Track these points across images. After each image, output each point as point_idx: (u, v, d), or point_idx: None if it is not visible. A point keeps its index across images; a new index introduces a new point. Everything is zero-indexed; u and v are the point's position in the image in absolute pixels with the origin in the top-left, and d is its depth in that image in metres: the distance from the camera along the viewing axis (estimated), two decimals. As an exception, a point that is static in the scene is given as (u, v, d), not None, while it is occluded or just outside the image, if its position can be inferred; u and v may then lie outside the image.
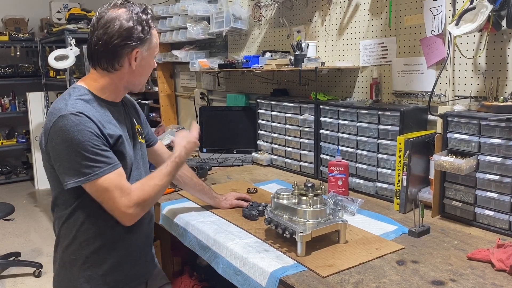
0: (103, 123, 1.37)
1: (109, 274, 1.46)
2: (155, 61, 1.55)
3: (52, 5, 6.16)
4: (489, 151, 1.58)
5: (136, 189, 1.39)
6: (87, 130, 1.31)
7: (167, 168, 1.48)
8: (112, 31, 1.38)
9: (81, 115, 1.32)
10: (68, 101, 1.36)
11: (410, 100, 2.13)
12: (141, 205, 1.40)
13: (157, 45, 1.51)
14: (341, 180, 2.02)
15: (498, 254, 1.33)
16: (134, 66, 1.44)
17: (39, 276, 3.46)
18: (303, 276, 1.30)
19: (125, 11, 1.41)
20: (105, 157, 1.34)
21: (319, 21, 2.55)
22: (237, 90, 3.29)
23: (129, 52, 1.41)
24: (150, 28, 1.44)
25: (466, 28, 1.67)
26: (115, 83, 1.46)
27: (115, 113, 1.48)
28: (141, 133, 1.63)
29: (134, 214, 1.39)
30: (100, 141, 1.34)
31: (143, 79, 1.53)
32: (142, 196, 1.39)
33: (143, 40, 1.43)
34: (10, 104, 6.10)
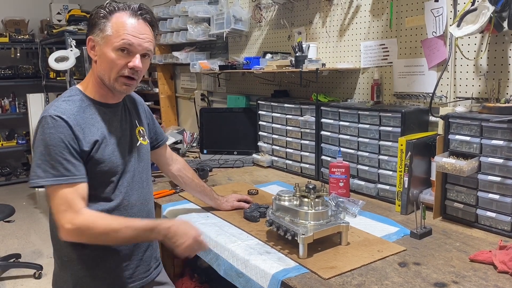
0: (83, 127, 1.35)
1: (100, 277, 1.45)
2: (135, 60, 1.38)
3: (52, 6, 6.16)
4: (491, 152, 1.58)
5: (90, 214, 1.32)
6: (57, 135, 1.30)
7: (137, 224, 1.36)
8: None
9: (58, 118, 1.31)
10: (55, 103, 1.38)
11: (412, 101, 2.13)
12: (81, 231, 1.30)
13: (118, 34, 1.35)
14: (342, 181, 2.01)
15: (500, 256, 1.33)
16: (92, 55, 1.41)
17: (39, 278, 3.45)
18: (305, 278, 1.30)
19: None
20: (64, 168, 1.30)
21: (319, 22, 2.55)
22: (238, 91, 3.29)
23: (87, 41, 1.42)
24: (99, 14, 1.37)
25: (468, 29, 1.66)
26: (93, 80, 1.44)
27: (107, 115, 1.45)
28: (143, 134, 1.59)
29: (70, 233, 1.30)
30: (67, 150, 1.31)
31: (106, 71, 1.39)
32: (88, 225, 1.30)
33: (92, 26, 1.38)
34: (10, 105, 6.10)
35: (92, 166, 1.37)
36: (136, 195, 1.51)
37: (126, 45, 1.36)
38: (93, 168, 1.37)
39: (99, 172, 1.38)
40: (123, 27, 1.36)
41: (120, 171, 1.44)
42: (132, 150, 1.51)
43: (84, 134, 1.35)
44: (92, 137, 1.37)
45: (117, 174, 1.43)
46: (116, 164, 1.43)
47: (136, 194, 1.51)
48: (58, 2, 6.32)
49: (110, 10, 1.37)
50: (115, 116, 1.48)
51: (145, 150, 1.59)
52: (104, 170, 1.39)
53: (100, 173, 1.39)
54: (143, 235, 1.37)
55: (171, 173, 1.83)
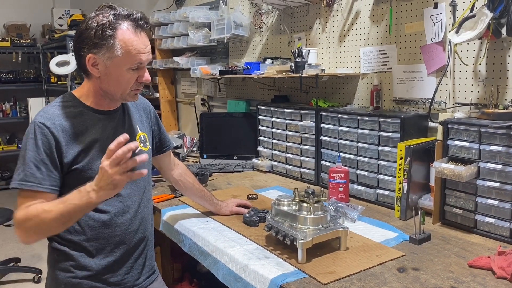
0: (70, 134, 1.35)
1: (86, 282, 1.44)
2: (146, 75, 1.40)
3: (54, 11, 6.19)
4: (490, 158, 1.58)
5: (24, 208, 1.29)
6: (38, 141, 1.32)
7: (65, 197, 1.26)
8: (75, 34, 1.38)
9: (42, 126, 1.32)
10: (45, 108, 1.39)
11: (411, 107, 2.13)
12: (20, 225, 1.28)
13: (129, 55, 1.34)
14: (342, 186, 2.01)
15: (499, 262, 1.33)
16: (95, 73, 1.36)
17: (39, 282, 3.45)
18: (304, 283, 1.30)
19: (93, 15, 1.35)
20: (32, 175, 1.30)
21: (319, 28, 2.57)
22: (238, 96, 3.30)
23: (84, 57, 1.35)
24: (105, 33, 1.31)
25: (466, 35, 1.67)
26: (92, 89, 1.42)
27: (101, 121, 1.43)
28: (145, 141, 1.56)
29: (17, 231, 1.29)
30: (40, 158, 1.30)
31: (116, 90, 1.39)
32: (22, 217, 1.28)
33: (96, 45, 1.32)
34: (11, 109, 6.11)
35: (78, 173, 1.36)
36: (135, 202, 1.51)
37: (139, 64, 1.37)
38: (80, 175, 1.36)
39: (88, 179, 1.29)
40: (132, 46, 1.34)
41: None
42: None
43: (69, 142, 1.35)
44: (78, 145, 1.36)
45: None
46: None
47: (135, 201, 1.51)
48: (60, 7, 6.35)
49: (114, 27, 1.32)
50: (110, 122, 1.46)
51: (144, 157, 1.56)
52: (92, 177, 1.28)
53: (88, 180, 1.29)
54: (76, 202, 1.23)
55: (172, 178, 1.83)
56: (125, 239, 1.50)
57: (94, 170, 1.35)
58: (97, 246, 1.45)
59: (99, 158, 1.35)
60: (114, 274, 1.48)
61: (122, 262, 1.50)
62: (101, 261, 1.46)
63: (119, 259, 1.49)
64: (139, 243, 1.55)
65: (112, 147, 1.16)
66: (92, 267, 1.45)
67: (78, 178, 1.35)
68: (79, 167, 1.36)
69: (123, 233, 1.49)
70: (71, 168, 1.36)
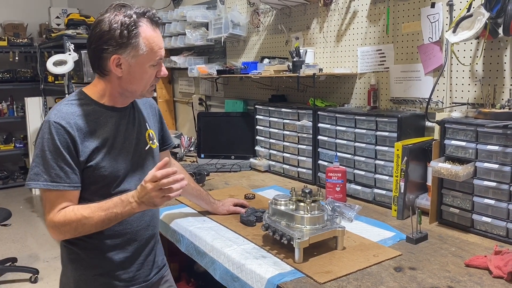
0: (84, 132, 1.35)
1: (99, 279, 1.45)
2: (164, 69, 1.44)
3: (51, 10, 6.18)
4: (486, 157, 1.58)
5: (63, 211, 1.33)
6: (54, 142, 1.31)
7: (106, 205, 1.33)
8: (92, 35, 1.36)
9: (57, 125, 1.32)
10: (58, 106, 1.38)
11: (408, 106, 2.13)
12: (59, 228, 1.34)
13: (152, 52, 1.37)
14: (339, 186, 2.02)
15: (495, 261, 1.33)
16: (118, 73, 1.36)
17: (36, 282, 3.43)
18: (301, 282, 1.30)
19: (110, 15, 1.33)
20: (56, 174, 1.31)
21: (317, 27, 2.57)
22: (236, 96, 3.30)
23: (107, 58, 1.34)
24: (131, 32, 1.32)
25: (463, 35, 1.67)
26: (109, 88, 1.42)
27: (113, 118, 1.44)
28: (153, 138, 1.57)
29: (53, 232, 1.36)
30: (62, 157, 1.31)
31: (137, 87, 1.42)
32: (62, 220, 1.32)
33: (122, 45, 1.32)
34: (8, 109, 6.09)
35: (92, 171, 1.37)
36: None
37: (159, 59, 1.40)
38: (94, 172, 1.37)
39: (100, 176, 1.38)
40: (154, 42, 1.37)
41: (124, 175, 1.43)
42: (139, 154, 1.49)
43: (84, 140, 1.35)
44: (92, 143, 1.37)
45: (119, 178, 1.42)
46: (118, 168, 1.41)
47: None
48: (57, 6, 6.34)
49: (137, 26, 1.33)
50: (122, 119, 1.46)
51: (154, 153, 1.57)
52: (105, 175, 1.38)
53: (101, 177, 1.38)
54: (117, 211, 1.32)
55: None
56: (136, 236, 1.50)
57: (107, 168, 1.38)
58: (109, 243, 1.45)
59: (112, 155, 1.39)
60: (126, 270, 1.49)
61: (134, 259, 1.51)
62: (113, 258, 1.46)
63: (130, 255, 1.49)
64: (149, 239, 1.56)
65: (159, 175, 1.26)
66: (104, 265, 1.45)
67: (92, 175, 1.37)
68: (93, 164, 1.37)
69: (134, 230, 1.49)
70: (86, 166, 1.37)
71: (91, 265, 1.44)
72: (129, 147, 1.46)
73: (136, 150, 1.48)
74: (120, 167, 1.42)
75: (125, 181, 1.44)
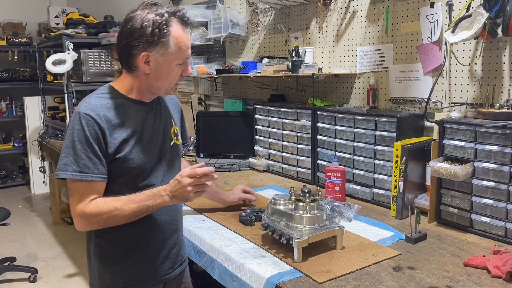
0: (113, 124, 1.38)
1: (123, 272, 1.48)
2: (189, 68, 1.48)
3: (50, 9, 6.17)
4: (485, 157, 1.59)
5: (95, 202, 1.36)
6: (84, 133, 1.34)
7: (138, 197, 1.37)
8: (123, 31, 1.39)
9: (87, 116, 1.35)
10: (87, 99, 1.41)
11: (407, 106, 2.14)
12: (89, 219, 1.36)
13: (181, 51, 1.40)
14: (338, 186, 2.02)
15: (494, 261, 1.34)
16: (146, 69, 1.39)
17: (34, 281, 3.43)
18: (300, 282, 1.30)
19: (142, 12, 1.36)
20: (84, 165, 1.34)
21: (316, 27, 2.57)
22: (235, 95, 3.30)
23: (137, 54, 1.37)
24: (162, 31, 1.35)
25: (462, 35, 1.68)
26: (137, 84, 1.45)
27: (141, 112, 1.46)
28: (177, 134, 1.60)
29: (81, 223, 1.38)
30: (91, 148, 1.34)
31: (163, 85, 1.45)
32: (94, 211, 1.35)
33: (152, 43, 1.35)
34: (7, 108, 6.09)
35: (120, 163, 1.39)
36: None
37: (186, 59, 1.44)
38: (122, 164, 1.39)
39: (128, 168, 1.40)
40: (183, 41, 1.40)
41: (151, 168, 1.46)
42: (165, 148, 1.52)
43: (113, 132, 1.38)
44: (121, 135, 1.39)
45: (146, 171, 1.44)
46: (146, 161, 1.44)
47: None
48: (56, 5, 6.33)
49: (168, 25, 1.36)
50: (149, 113, 1.49)
51: (178, 149, 1.60)
52: (132, 167, 1.40)
53: (129, 170, 1.40)
54: (148, 204, 1.36)
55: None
56: (161, 230, 1.52)
57: (135, 160, 1.40)
58: (135, 237, 1.47)
59: (139, 147, 1.42)
60: (150, 264, 1.51)
61: (158, 252, 1.52)
62: (138, 251, 1.48)
63: (155, 249, 1.51)
64: (173, 233, 1.57)
65: (199, 172, 1.33)
66: (129, 258, 1.47)
67: (120, 167, 1.39)
68: (121, 156, 1.39)
69: (160, 224, 1.51)
70: (114, 158, 1.39)
71: (116, 259, 1.47)
72: (156, 141, 1.49)
73: (162, 144, 1.51)
74: (147, 160, 1.44)
75: (151, 174, 1.46)
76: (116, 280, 1.47)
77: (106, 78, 4.72)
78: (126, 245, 1.47)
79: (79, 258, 3.77)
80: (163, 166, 1.50)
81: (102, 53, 4.70)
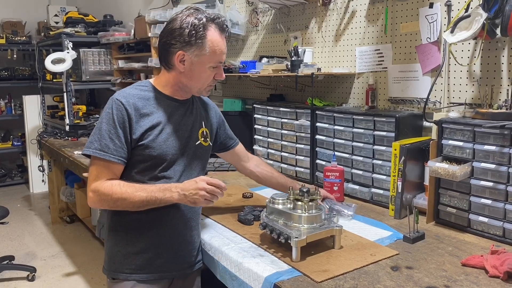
0: (141, 112, 1.48)
1: (132, 256, 1.53)
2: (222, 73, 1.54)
3: (50, 8, 6.16)
4: (484, 157, 1.59)
5: (110, 183, 1.45)
6: (112, 116, 1.45)
7: (150, 188, 1.45)
8: (165, 30, 1.50)
9: (118, 102, 1.46)
10: (124, 89, 1.54)
11: (406, 106, 2.14)
12: (101, 198, 1.45)
13: (215, 55, 1.48)
14: (337, 185, 2.02)
15: (492, 261, 1.34)
16: (181, 68, 1.49)
17: (33, 280, 3.43)
18: (298, 281, 1.30)
19: (183, 15, 1.47)
20: (106, 145, 1.44)
21: (315, 27, 2.57)
22: (234, 95, 3.30)
23: (174, 53, 1.47)
24: (198, 33, 1.44)
25: (461, 35, 1.68)
26: (171, 81, 1.55)
27: (170, 107, 1.55)
28: (206, 136, 1.66)
29: (92, 199, 1.47)
30: (115, 130, 1.44)
31: (195, 84, 1.53)
32: (107, 191, 1.44)
33: (189, 44, 1.45)
34: (6, 107, 6.08)
35: (143, 149, 1.48)
36: None
37: (219, 63, 1.52)
38: (144, 151, 1.48)
39: (149, 156, 1.48)
40: (218, 46, 1.49)
41: (170, 160, 1.52)
42: (188, 145, 1.58)
43: (140, 120, 1.47)
44: (147, 124, 1.48)
45: (166, 162, 1.51)
46: (167, 152, 1.51)
47: None
48: (56, 4, 6.32)
49: (206, 28, 1.45)
50: (178, 110, 1.57)
51: (203, 151, 1.65)
52: (153, 155, 1.49)
53: (149, 157, 1.49)
54: (157, 196, 1.43)
55: (248, 170, 1.91)
56: (172, 224, 1.56)
57: (156, 148, 1.49)
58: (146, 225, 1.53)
59: (162, 138, 1.50)
60: (159, 255, 1.55)
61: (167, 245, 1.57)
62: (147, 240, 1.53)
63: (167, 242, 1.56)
64: (186, 230, 1.60)
65: (216, 183, 1.42)
66: (138, 244, 1.53)
67: (142, 154, 1.48)
68: (145, 143, 1.47)
69: (172, 217, 1.56)
70: (138, 144, 1.47)
71: (127, 243, 1.53)
72: (181, 136, 1.55)
73: (187, 141, 1.57)
74: (168, 151, 1.51)
75: (171, 167, 1.53)
76: (124, 265, 1.53)
77: (105, 77, 4.73)
78: (138, 231, 1.53)
79: (78, 257, 3.76)
80: (183, 162, 1.56)
81: (102, 52, 4.70)
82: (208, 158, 1.71)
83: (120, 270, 1.54)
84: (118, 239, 1.55)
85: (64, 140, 4.09)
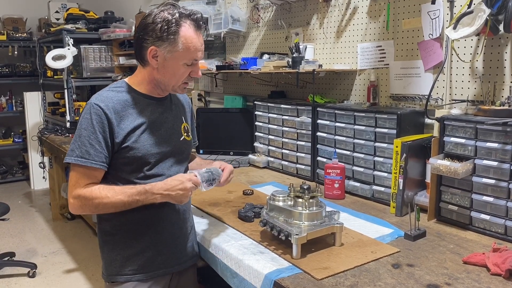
0: (121, 115, 1.45)
1: (132, 257, 1.52)
2: (198, 71, 1.52)
3: (51, 5, 6.15)
4: (486, 155, 1.58)
5: (90, 187, 1.43)
6: (91, 121, 1.42)
7: (130, 190, 1.43)
8: (139, 25, 1.48)
9: (96, 106, 1.43)
10: (100, 92, 1.50)
11: (407, 103, 2.13)
12: (81, 202, 1.43)
13: (188, 51, 1.45)
14: (338, 182, 2.01)
15: (493, 258, 1.33)
16: (154, 63, 1.47)
17: (34, 277, 3.44)
18: (298, 278, 1.29)
19: (158, 10, 1.45)
20: (86, 151, 1.41)
21: (317, 23, 2.55)
22: (235, 92, 3.29)
23: (146, 48, 1.45)
24: (170, 29, 1.41)
25: (464, 32, 1.67)
26: (147, 78, 1.52)
27: (150, 106, 1.53)
28: (188, 130, 1.66)
29: (73, 205, 1.45)
30: (94, 135, 1.41)
31: (169, 81, 1.50)
32: (87, 195, 1.42)
33: (160, 39, 1.42)
34: (7, 103, 6.08)
35: (127, 151, 1.45)
36: None
37: (194, 60, 1.49)
38: (128, 153, 1.45)
39: (134, 157, 1.46)
40: (192, 43, 1.45)
41: (156, 159, 1.51)
42: (173, 142, 1.57)
43: (120, 122, 1.45)
44: (128, 126, 1.46)
45: (152, 161, 1.50)
46: (151, 152, 1.49)
47: None
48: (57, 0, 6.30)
49: (178, 24, 1.42)
50: (158, 108, 1.55)
51: (187, 145, 1.65)
52: (138, 156, 1.46)
53: (134, 159, 1.46)
54: (139, 199, 1.43)
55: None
56: (169, 219, 1.56)
57: (140, 149, 1.47)
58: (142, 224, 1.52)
59: (146, 138, 1.49)
60: (159, 252, 1.55)
61: (170, 244, 1.57)
62: (145, 239, 1.53)
63: (168, 240, 1.56)
64: (182, 224, 1.61)
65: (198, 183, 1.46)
66: (136, 245, 1.52)
67: (126, 156, 1.46)
68: (128, 145, 1.45)
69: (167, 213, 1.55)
70: (121, 147, 1.45)
71: (124, 246, 1.52)
72: (164, 134, 1.54)
73: (171, 138, 1.56)
74: (153, 150, 1.50)
75: (158, 165, 1.51)
76: (125, 267, 1.52)
77: (106, 73, 4.72)
78: (136, 232, 1.52)
79: (78, 254, 3.77)
80: (170, 159, 1.55)
81: (102, 49, 4.70)
82: (190, 152, 1.70)
83: (121, 273, 1.52)
84: (115, 243, 1.53)
85: (65, 136, 4.09)
